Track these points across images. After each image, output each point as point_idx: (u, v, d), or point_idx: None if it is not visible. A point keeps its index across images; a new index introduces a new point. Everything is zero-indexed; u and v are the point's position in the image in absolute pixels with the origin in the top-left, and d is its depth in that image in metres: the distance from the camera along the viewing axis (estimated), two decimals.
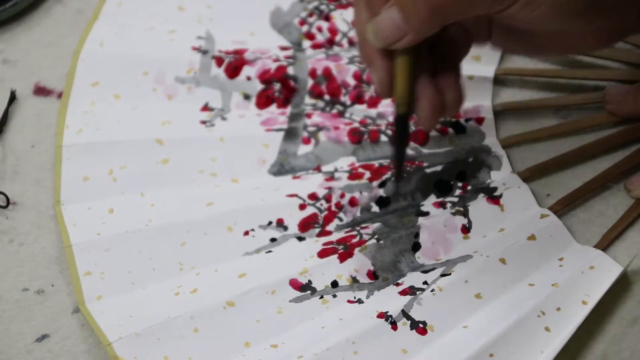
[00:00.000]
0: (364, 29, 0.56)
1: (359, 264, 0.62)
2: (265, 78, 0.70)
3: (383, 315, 0.59)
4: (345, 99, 0.69)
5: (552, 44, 0.59)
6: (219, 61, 0.71)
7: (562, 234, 0.62)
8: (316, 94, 0.70)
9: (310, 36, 0.72)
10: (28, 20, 0.75)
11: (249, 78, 0.70)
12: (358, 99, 0.69)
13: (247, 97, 0.70)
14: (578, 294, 0.59)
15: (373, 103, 0.69)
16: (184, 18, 0.74)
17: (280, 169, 0.67)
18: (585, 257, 0.61)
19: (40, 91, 0.72)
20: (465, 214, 0.63)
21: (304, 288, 0.61)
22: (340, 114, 0.69)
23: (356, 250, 0.62)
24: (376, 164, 0.66)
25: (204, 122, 0.69)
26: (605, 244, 0.62)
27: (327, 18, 0.73)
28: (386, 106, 0.69)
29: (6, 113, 0.70)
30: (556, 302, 0.59)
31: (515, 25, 0.56)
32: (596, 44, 0.59)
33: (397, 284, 0.61)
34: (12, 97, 0.71)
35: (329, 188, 0.65)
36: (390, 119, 0.68)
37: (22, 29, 0.75)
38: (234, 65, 0.71)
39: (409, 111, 0.57)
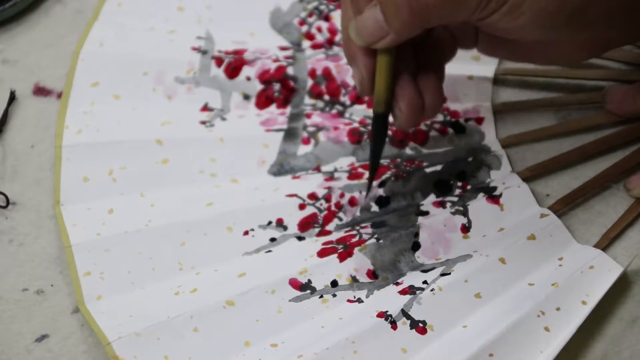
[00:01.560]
0: (347, 26, 0.57)
1: (359, 263, 0.62)
2: (265, 78, 0.70)
3: (383, 315, 0.59)
4: (345, 99, 0.69)
5: (536, 53, 0.59)
6: (219, 61, 0.71)
7: (562, 233, 0.62)
8: (316, 94, 0.70)
9: (310, 36, 0.72)
10: (28, 20, 0.75)
11: (248, 78, 0.70)
12: (358, 99, 0.69)
13: (246, 97, 0.70)
14: (578, 293, 0.59)
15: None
16: (184, 18, 0.74)
17: (280, 169, 0.67)
18: (585, 256, 0.61)
19: (40, 91, 0.72)
20: (464, 213, 0.63)
21: (304, 287, 0.61)
22: (340, 114, 0.69)
23: (356, 249, 0.62)
24: None
25: (203, 123, 0.69)
26: (605, 244, 0.62)
27: (327, 18, 0.73)
28: None
29: (6, 113, 0.70)
30: (556, 301, 0.59)
31: (499, 33, 0.56)
32: (580, 56, 0.59)
33: (397, 284, 0.61)
34: (12, 97, 0.71)
35: (329, 188, 0.65)
36: (391, 118, 0.68)
37: (22, 29, 0.75)
38: (234, 65, 0.71)
39: (387, 110, 0.58)
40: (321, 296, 0.61)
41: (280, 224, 0.64)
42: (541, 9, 0.53)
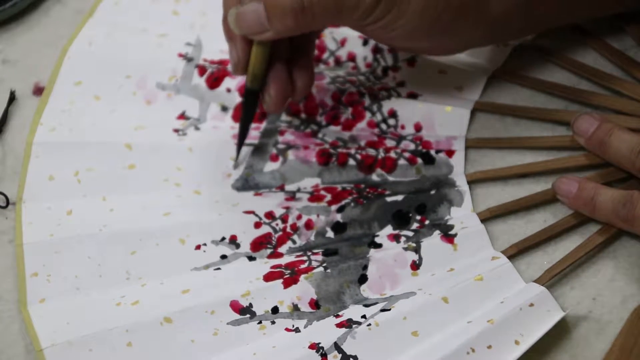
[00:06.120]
0: (228, 12, 0.59)
1: (303, 291, 0.61)
2: None
3: (315, 346, 0.58)
4: (321, 119, 0.68)
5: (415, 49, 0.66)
6: (202, 70, 0.70)
7: (510, 275, 0.60)
8: (293, 111, 0.68)
9: None
10: (28, 20, 0.75)
11: (229, 90, 0.69)
12: (334, 120, 0.68)
13: (224, 108, 0.69)
14: (512, 332, 0.57)
15: (348, 126, 0.67)
16: (177, 23, 0.73)
17: (244, 184, 0.66)
18: (528, 293, 0.58)
19: (40, 91, 0.72)
20: (417, 250, 0.61)
21: (244, 311, 0.60)
22: (313, 134, 0.67)
23: (302, 277, 0.61)
24: (339, 187, 0.65)
25: (176, 131, 0.68)
26: (546, 280, 0.59)
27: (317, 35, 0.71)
28: (361, 130, 0.67)
29: (6, 113, 0.71)
30: (488, 339, 0.57)
31: (375, 39, 0.64)
32: (447, 52, 0.65)
33: (337, 316, 0.60)
34: (12, 97, 0.71)
35: (287, 208, 0.64)
36: (362, 142, 0.66)
37: (22, 29, 0.75)
38: (216, 75, 0.70)
39: (258, 88, 0.62)
40: (260, 322, 0.60)
41: (233, 241, 0.63)
42: (413, 28, 0.59)
